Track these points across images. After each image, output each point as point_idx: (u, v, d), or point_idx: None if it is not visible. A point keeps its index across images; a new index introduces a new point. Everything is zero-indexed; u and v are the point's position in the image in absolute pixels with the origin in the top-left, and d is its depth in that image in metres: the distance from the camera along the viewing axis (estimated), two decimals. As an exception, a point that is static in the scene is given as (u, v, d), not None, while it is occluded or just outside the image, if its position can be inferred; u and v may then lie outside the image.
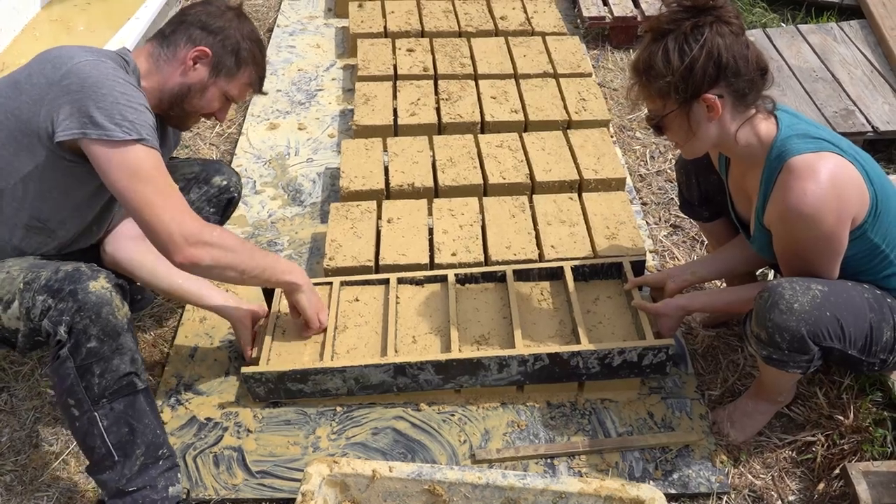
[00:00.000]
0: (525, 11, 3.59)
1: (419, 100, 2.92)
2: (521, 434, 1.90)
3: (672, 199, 2.70)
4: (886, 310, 1.62)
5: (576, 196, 2.46)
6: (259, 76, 1.86)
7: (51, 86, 1.56)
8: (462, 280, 2.15)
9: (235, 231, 2.53)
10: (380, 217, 2.40)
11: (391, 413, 1.95)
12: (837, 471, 1.76)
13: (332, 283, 2.14)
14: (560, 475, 1.79)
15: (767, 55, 1.85)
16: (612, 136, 3.01)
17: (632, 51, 3.64)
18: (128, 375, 1.57)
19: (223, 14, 1.78)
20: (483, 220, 2.37)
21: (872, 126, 2.86)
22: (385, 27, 3.47)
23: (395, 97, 2.95)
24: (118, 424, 1.58)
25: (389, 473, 1.54)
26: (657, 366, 1.91)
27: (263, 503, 1.78)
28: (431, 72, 3.10)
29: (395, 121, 2.82)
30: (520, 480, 1.52)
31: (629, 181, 2.78)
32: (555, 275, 2.15)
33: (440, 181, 2.51)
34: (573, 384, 1.97)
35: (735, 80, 1.55)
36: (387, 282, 2.15)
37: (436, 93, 2.98)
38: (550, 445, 1.86)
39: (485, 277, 2.16)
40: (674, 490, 1.77)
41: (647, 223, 2.60)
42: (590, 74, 3.13)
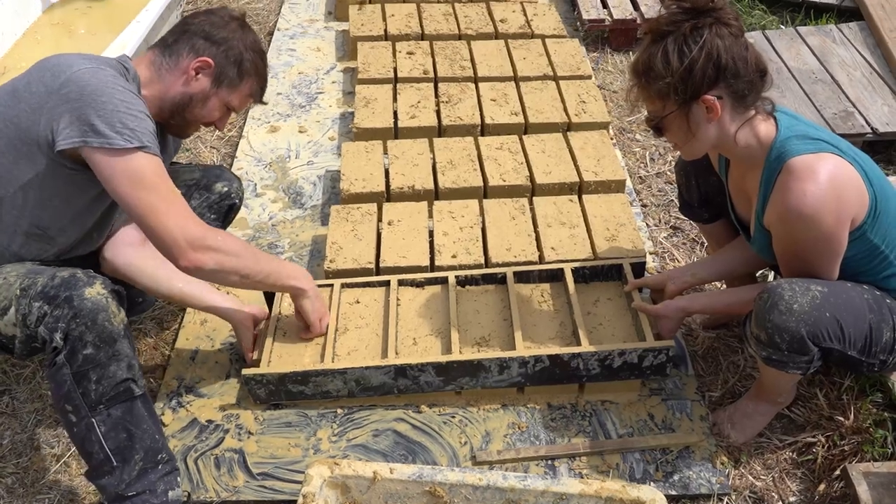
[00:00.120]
0: (525, 14, 3.59)
1: (419, 102, 2.92)
2: (522, 436, 1.90)
3: (672, 201, 2.70)
4: (886, 310, 1.63)
5: (576, 198, 2.47)
6: (261, 87, 1.86)
7: (50, 94, 1.56)
8: (462, 282, 2.16)
9: (236, 234, 2.53)
10: (380, 219, 2.40)
11: (392, 415, 1.95)
12: (838, 472, 1.76)
13: (333, 286, 2.14)
14: (561, 476, 1.80)
15: (767, 57, 1.86)
16: (612, 139, 3.01)
17: (631, 53, 3.65)
18: (125, 381, 1.57)
19: (227, 24, 1.78)
20: (483, 223, 2.37)
21: (872, 127, 2.86)
22: (385, 30, 3.47)
23: (396, 100, 2.95)
24: (116, 430, 1.58)
25: (390, 475, 1.54)
26: (657, 367, 1.91)
27: (264, 505, 1.78)
28: (431, 74, 3.11)
29: (396, 123, 2.82)
30: (520, 482, 1.53)
31: (629, 183, 2.78)
32: (555, 276, 2.15)
33: (440, 183, 2.51)
34: (574, 386, 1.97)
35: (734, 82, 1.55)
36: (387, 284, 2.15)
37: (436, 95, 2.98)
38: (551, 447, 1.86)
39: (485, 279, 2.16)
40: (674, 491, 1.77)
41: (647, 225, 2.60)
42: (589, 77, 3.14)
